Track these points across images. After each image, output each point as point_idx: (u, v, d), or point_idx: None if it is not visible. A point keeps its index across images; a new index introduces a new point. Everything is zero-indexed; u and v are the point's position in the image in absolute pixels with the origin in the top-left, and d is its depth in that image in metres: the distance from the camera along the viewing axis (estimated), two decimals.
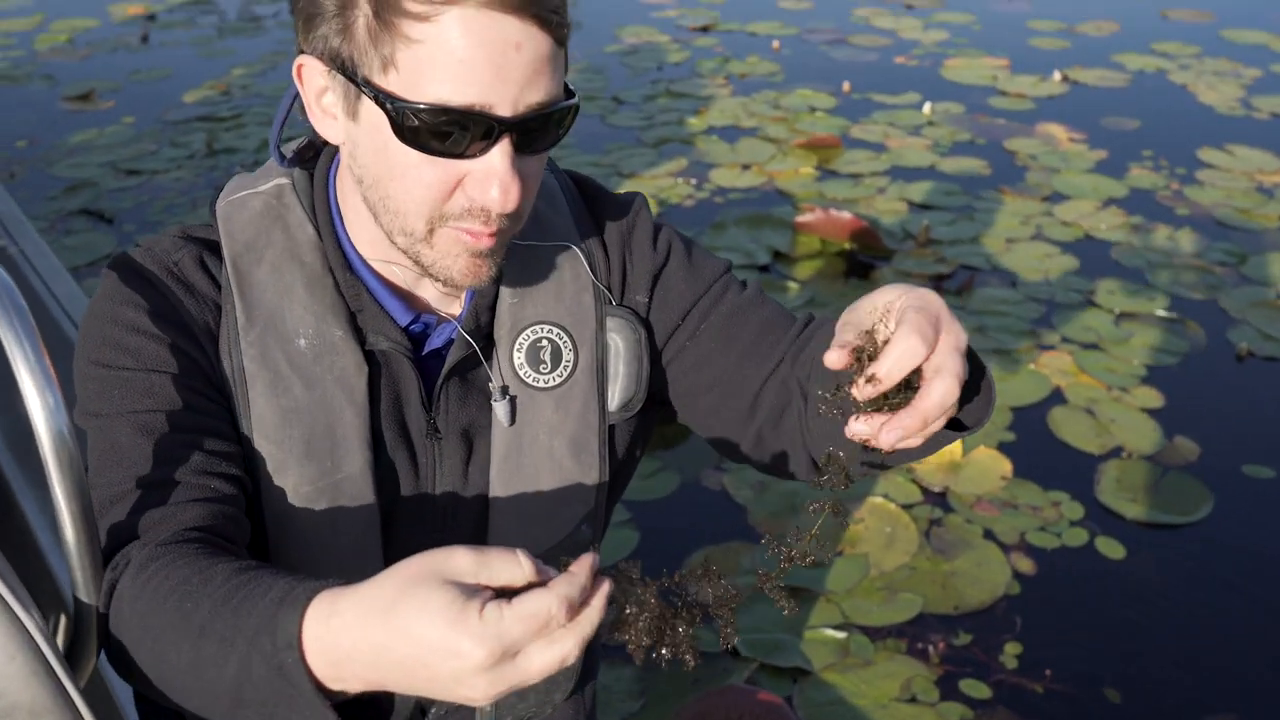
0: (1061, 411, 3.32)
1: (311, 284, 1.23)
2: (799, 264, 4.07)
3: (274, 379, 1.21)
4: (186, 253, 1.23)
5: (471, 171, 1.08)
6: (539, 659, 0.84)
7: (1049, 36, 6.30)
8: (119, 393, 1.17)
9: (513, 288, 1.28)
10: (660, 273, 1.34)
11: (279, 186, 1.27)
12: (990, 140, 5.06)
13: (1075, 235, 4.27)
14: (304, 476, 1.23)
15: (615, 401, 1.31)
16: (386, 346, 1.24)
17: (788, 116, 5.29)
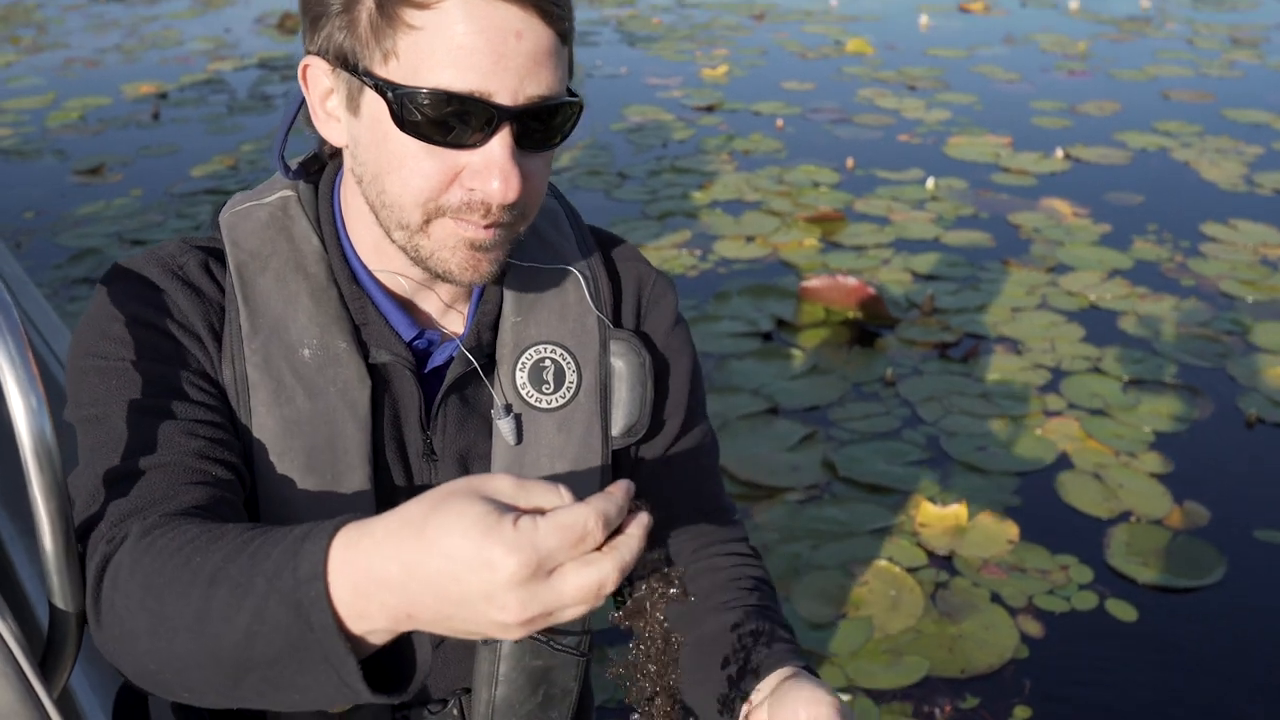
0: (1069, 476, 3.27)
1: (316, 295, 1.21)
2: (803, 332, 4.05)
3: (277, 388, 1.18)
4: (191, 256, 1.20)
5: (470, 163, 1.06)
6: (574, 579, 0.80)
7: (1051, 116, 6.35)
8: (116, 382, 1.13)
9: (516, 307, 1.26)
10: (685, 384, 1.34)
11: (284, 199, 1.26)
12: (994, 214, 5.07)
13: (1080, 305, 4.25)
14: (303, 488, 1.20)
15: (618, 426, 1.28)
16: (389, 360, 1.21)
17: (791, 191, 5.31)
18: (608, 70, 7.24)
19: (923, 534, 3.03)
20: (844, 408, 3.61)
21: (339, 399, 1.19)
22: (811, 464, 3.33)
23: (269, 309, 1.20)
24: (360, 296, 1.21)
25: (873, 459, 3.35)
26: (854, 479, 3.26)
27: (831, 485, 3.24)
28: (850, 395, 3.68)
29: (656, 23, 8.47)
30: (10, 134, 6.01)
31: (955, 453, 3.38)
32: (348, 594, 0.84)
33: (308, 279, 1.21)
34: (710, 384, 3.71)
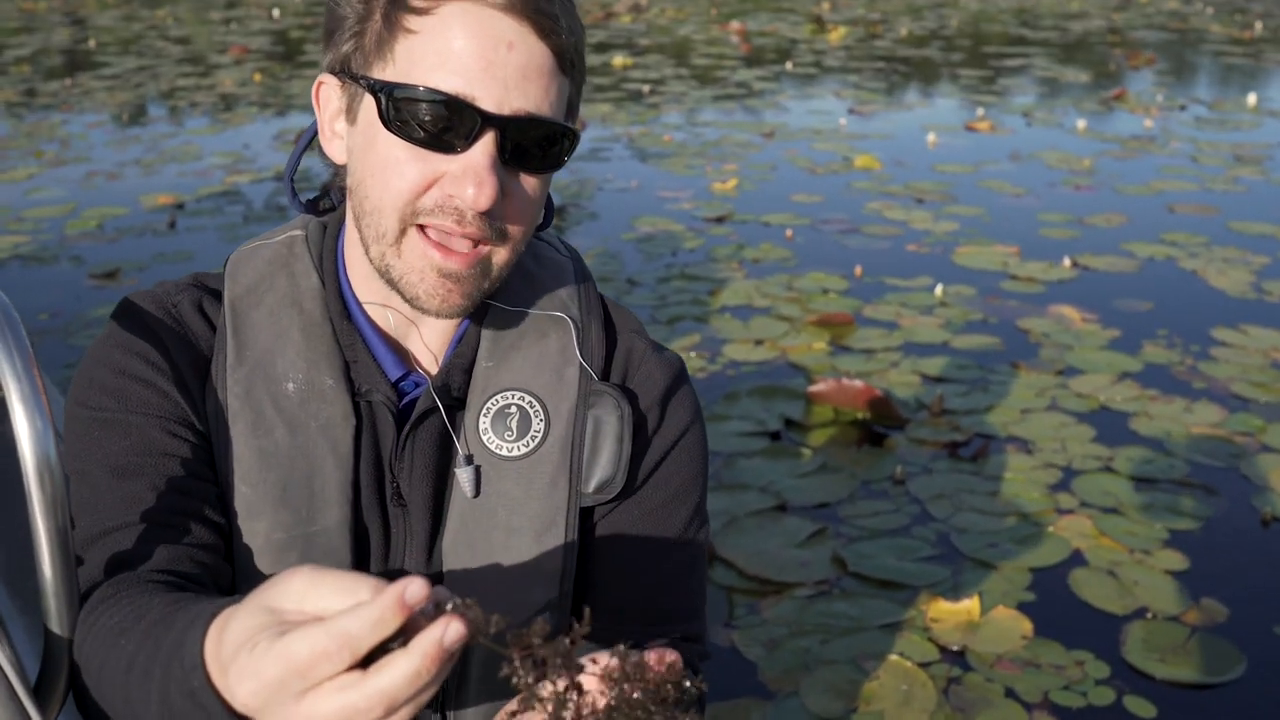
0: (1083, 573, 3.21)
1: (308, 330, 1.21)
2: (812, 432, 4.03)
3: (256, 419, 1.17)
4: (186, 295, 1.22)
5: (450, 169, 1.06)
6: (324, 705, 0.73)
7: (1058, 227, 6.40)
8: (99, 433, 1.14)
9: (491, 350, 1.24)
10: (672, 449, 1.30)
11: (291, 237, 1.27)
12: (1003, 320, 5.08)
13: (1091, 406, 4.23)
14: (277, 523, 1.17)
15: (592, 482, 1.23)
16: (378, 399, 1.20)
17: (800, 297, 5.34)
18: (619, 184, 7.34)
19: (934, 629, 2.97)
20: (853, 505, 3.57)
21: (320, 435, 1.18)
22: (821, 560, 3.28)
23: (258, 342, 1.19)
24: (351, 333, 1.21)
25: (883, 555, 3.30)
26: (864, 574, 3.21)
27: (841, 580, 3.19)
28: (860, 493, 3.64)
29: (668, 140, 8.62)
30: (28, 240, 6.09)
31: (966, 549, 3.33)
32: (221, 682, 0.82)
33: (301, 314, 1.21)
34: (718, 481, 3.68)
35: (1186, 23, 16.06)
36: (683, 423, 1.31)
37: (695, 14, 16.76)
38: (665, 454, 1.29)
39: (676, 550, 1.30)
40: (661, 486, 1.29)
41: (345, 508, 1.19)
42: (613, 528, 1.28)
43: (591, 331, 1.27)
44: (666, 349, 1.33)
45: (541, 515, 1.21)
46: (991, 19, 16.51)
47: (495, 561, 1.22)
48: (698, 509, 1.33)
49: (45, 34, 14.97)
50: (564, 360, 1.25)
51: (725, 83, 11.14)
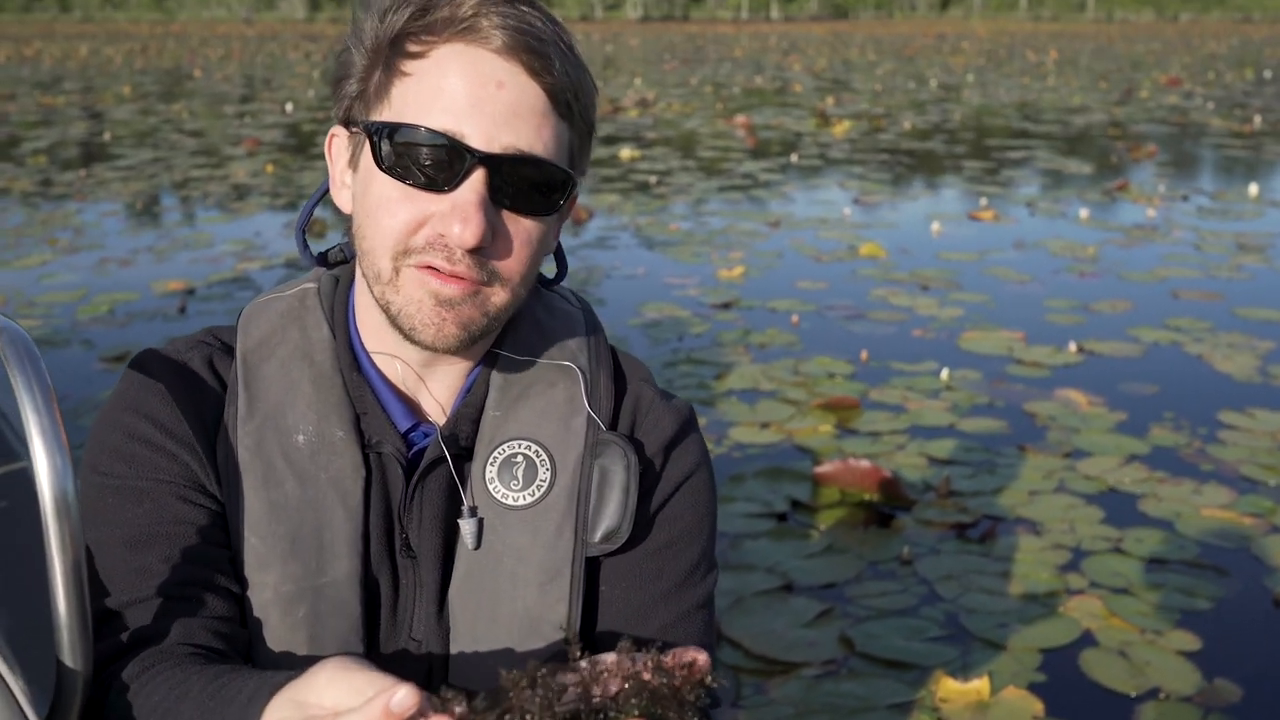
0: (1093, 653, 3.17)
1: (319, 383, 1.22)
2: (819, 513, 4.01)
3: (267, 472, 1.18)
4: (198, 352, 1.23)
5: (439, 209, 1.08)
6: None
7: (1063, 313, 6.43)
8: (112, 500, 1.16)
9: (499, 399, 1.25)
10: (676, 492, 1.30)
11: (304, 290, 1.29)
12: (1009, 403, 5.08)
13: (1099, 488, 4.21)
14: (286, 575, 1.18)
15: (598, 532, 1.22)
16: (388, 451, 1.21)
17: (807, 381, 5.35)
18: (626, 271, 7.40)
19: (944, 709, 2.92)
20: (860, 585, 3.54)
21: (330, 487, 1.19)
22: (828, 640, 3.25)
23: (269, 395, 1.21)
24: (361, 385, 1.22)
25: (890, 635, 3.26)
26: (871, 654, 3.17)
27: (849, 660, 3.15)
28: (867, 574, 3.62)
29: (674, 228, 8.71)
30: (40, 324, 6.14)
31: (975, 629, 3.29)
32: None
33: (312, 366, 1.22)
34: (724, 561, 3.65)
35: (1187, 117, 16.29)
36: (688, 467, 1.31)
37: (701, 108, 17.03)
38: (669, 497, 1.29)
39: (682, 592, 1.30)
40: (665, 528, 1.29)
41: (355, 560, 1.19)
42: (618, 573, 1.28)
43: (600, 381, 1.28)
44: (675, 397, 1.34)
45: (547, 565, 1.21)
46: (994, 113, 16.76)
47: (499, 613, 1.22)
48: (704, 554, 1.32)
49: (63, 127, 15.24)
50: (571, 410, 1.25)
51: (731, 174, 11.28)
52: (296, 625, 1.17)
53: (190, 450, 1.17)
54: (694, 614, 1.30)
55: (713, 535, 1.34)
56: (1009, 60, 29.86)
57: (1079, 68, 26.54)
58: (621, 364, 1.34)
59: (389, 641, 1.23)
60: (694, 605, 1.30)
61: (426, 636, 1.23)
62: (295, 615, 1.17)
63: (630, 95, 18.77)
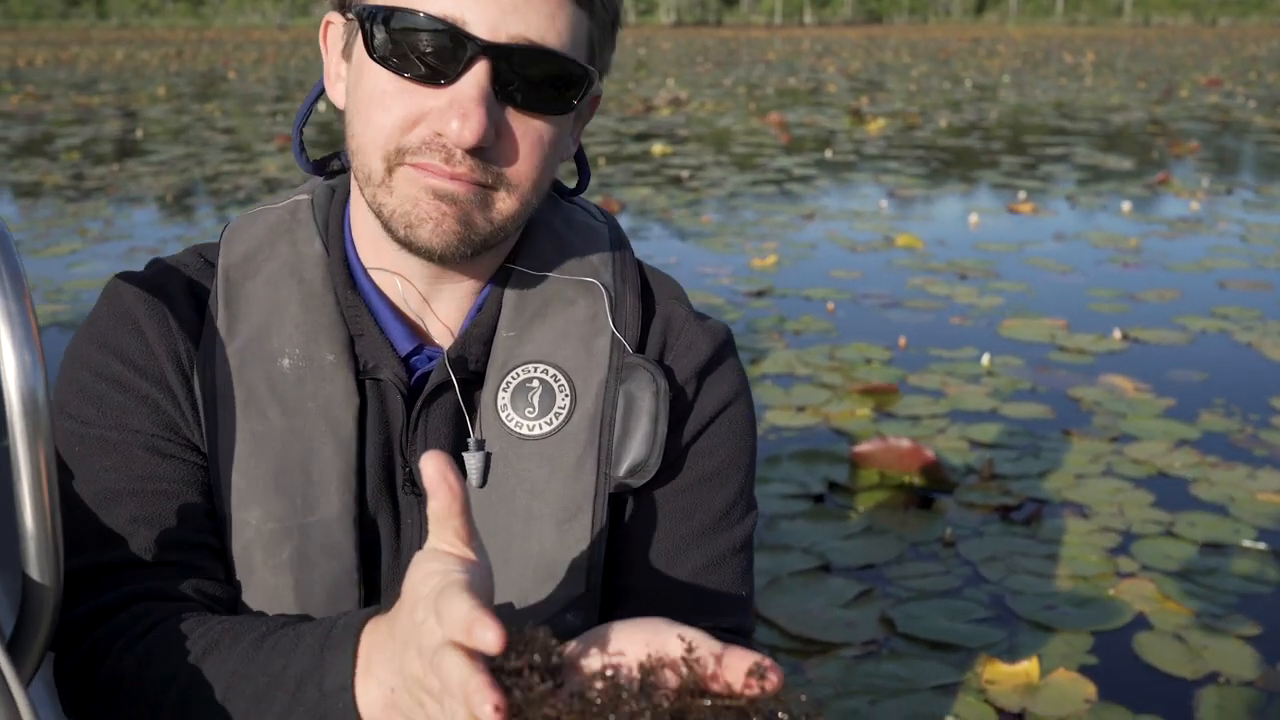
0: (1147, 637, 3.03)
1: (308, 302, 1.10)
2: (857, 495, 3.88)
3: (247, 399, 1.06)
4: (177, 273, 1.12)
5: (437, 105, 0.96)
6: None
7: (1107, 302, 6.27)
8: (80, 450, 1.06)
9: (513, 319, 1.12)
10: (712, 423, 1.17)
11: (296, 202, 1.17)
12: (1052, 389, 4.93)
13: (1148, 472, 4.06)
14: (269, 513, 1.05)
15: (623, 465, 1.10)
16: (386, 376, 1.08)
17: (843, 366, 5.22)
18: (658, 260, 7.27)
19: (991, 691, 2.79)
20: (901, 566, 3.41)
21: (319, 416, 1.07)
22: (868, 620, 3.12)
23: (251, 316, 1.09)
24: (357, 304, 1.09)
25: (933, 616, 3.13)
26: (914, 635, 3.04)
27: (890, 641, 3.02)
28: (908, 555, 3.48)
29: (706, 220, 8.59)
30: (68, 309, 6.08)
31: (1022, 611, 3.15)
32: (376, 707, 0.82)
33: (301, 284, 1.10)
34: (759, 543, 3.53)
35: (1228, 115, 16.03)
36: (725, 394, 1.18)
37: (734, 107, 16.91)
38: (703, 427, 1.17)
39: (717, 534, 1.17)
40: (699, 462, 1.17)
41: (346, 496, 1.07)
42: (645, 511, 1.16)
43: (626, 299, 1.15)
44: (710, 317, 1.22)
45: (566, 501, 1.09)
46: (1031, 112, 16.55)
47: (515, 553, 1.09)
48: (742, 492, 1.20)
49: (97, 125, 15.29)
50: (593, 330, 1.13)
51: (764, 169, 11.15)
52: (280, 568, 1.06)
53: (163, 388, 1.07)
54: (730, 559, 1.18)
55: (751, 471, 1.22)
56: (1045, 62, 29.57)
57: (1116, 69, 26.24)
58: (650, 281, 1.22)
59: (391, 588, 1.11)
60: (730, 549, 1.18)
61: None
62: (279, 557, 1.06)
63: (663, 95, 18.67)
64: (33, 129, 14.62)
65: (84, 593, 1.03)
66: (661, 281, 1.23)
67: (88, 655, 1.01)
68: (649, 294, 1.20)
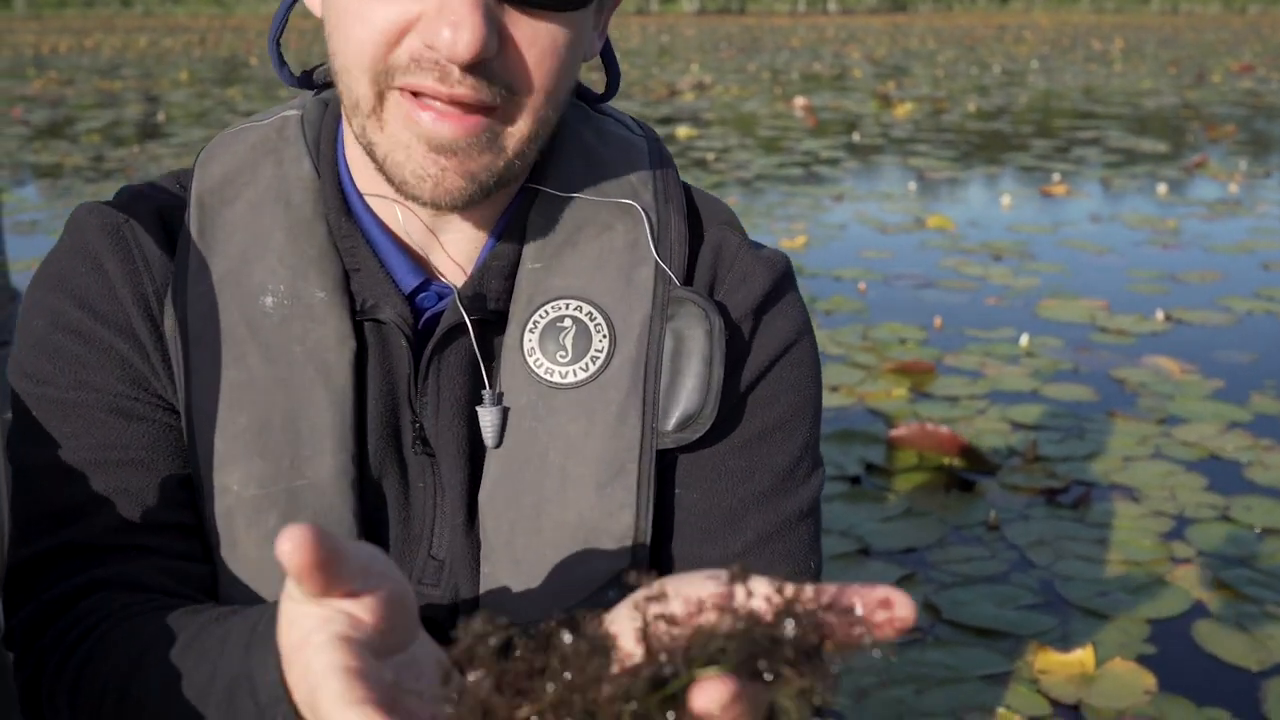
0: (1207, 625, 2.87)
1: (295, 230, 0.94)
2: (895, 477, 3.72)
3: (224, 345, 0.92)
4: (146, 203, 0.97)
5: (425, 10, 0.80)
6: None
7: (1147, 283, 6.09)
8: (39, 415, 0.92)
9: (539, 249, 0.97)
10: (773, 367, 1.02)
11: (283, 119, 1.01)
12: (1095, 370, 4.76)
13: (1199, 455, 3.89)
14: (249, 475, 0.91)
15: (672, 417, 0.95)
16: (387, 317, 0.93)
17: (876, 346, 5.06)
18: None
19: (1043, 681, 2.63)
20: (943, 550, 3.25)
21: (306, 362, 0.92)
22: None
23: (229, 248, 0.93)
24: (353, 234, 0.94)
25: (980, 602, 2.97)
26: (960, 622, 2.88)
27: (935, 628, 2.87)
28: (950, 538, 3.33)
29: (733, 201, 8.42)
30: None
31: (1073, 598, 2.99)
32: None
33: (288, 211, 0.95)
34: None
35: (1263, 100, 15.75)
36: (787, 334, 1.03)
37: (759, 92, 16.71)
38: (764, 373, 1.02)
39: (781, 496, 1.02)
40: (759, 414, 1.01)
41: (342, 456, 0.93)
42: (698, 472, 1.00)
43: (671, 223, 1.00)
44: (767, 246, 1.07)
45: (607, 459, 0.94)
46: (1061, 96, 16.30)
47: (548, 521, 0.94)
48: (807, 447, 1.05)
49: (119, 109, 15.21)
50: (634, 260, 0.98)
51: (791, 151, 10.97)
52: (266, 540, 0.91)
53: (127, 336, 0.93)
54: (796, 525, 1.03)
55: (818, 422, 1.06)
56: (1073, 48, 29.20)
57: (1146, 55, 25.88)
58: (697, 204, 1.06)
59: (401, 564, 0.96)
60: (796, 513, 1.03)
61: (452, 556, 0.97)
62: (264, 527, 0.91)
63: (687, 80, 18.48)
64: (55, 112, 14.56)
65: (44, 579, 0.90)
66: (710, 204, 1.08)
67: (44, 651, 0.88)
68: (696, 219, 1.05)
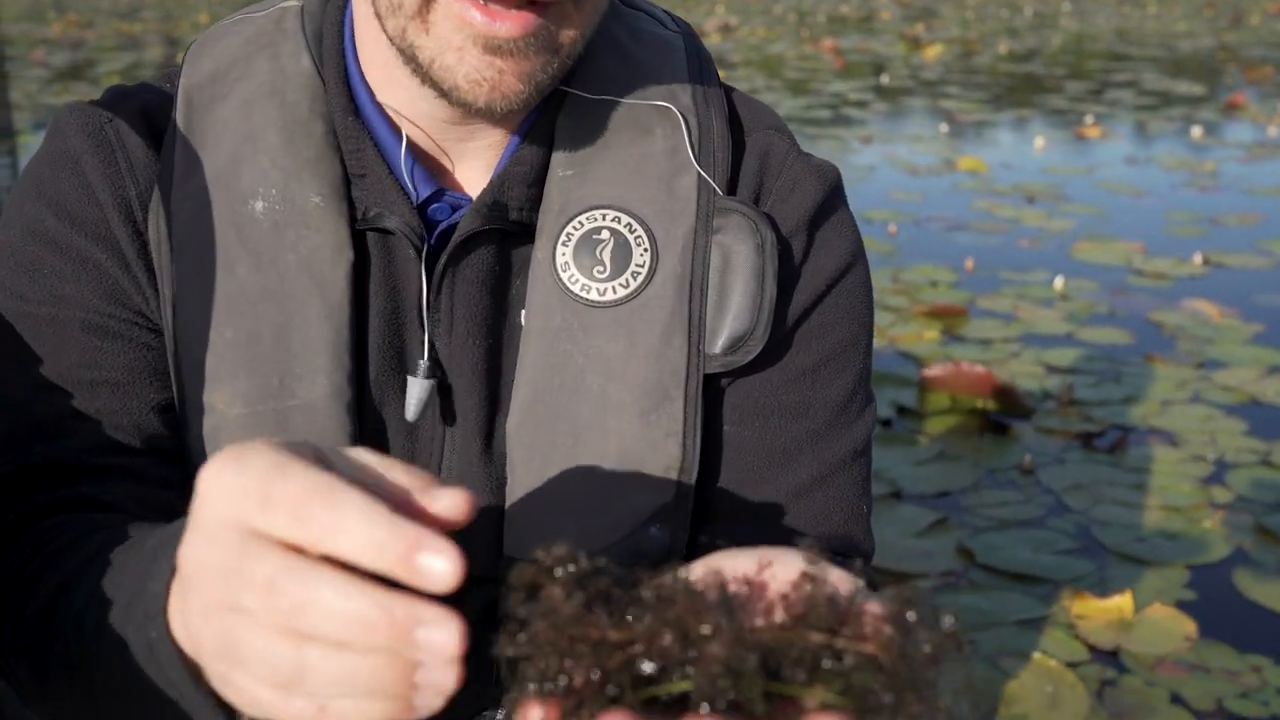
0: (1249, 572, 2.79)
1: (290, 129, 0.86)
2: (928, 419, 3.65)
3: (211, 252, 0.84)
4: (130, 103, 0.89)
5: None
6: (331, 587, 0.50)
7: (1185, 225, 5.95)
8: (17, 330, 0.86)
9: (570, 155, 0.89)
10: (829, 292, 0.94)
11: (282, 10, 0.92)
12: (1131, 313, 4.65)
13: (1240, 399, 3.79)
14: (236, 393, 0.83)
15: (720, 338, 0.88)
16: (393, 226, 0.85)
17: (907, 289, 4.97)
18: None
19: (1081, 626, 2.57)
20: (977, 494, 3.18)
21: (301, 273, 0.84)
22: (944, 550, 2.90)
23: (218, 148, 0.86)
24: (360, 135, 0.85)
25: (1015, 546, 2.91)
26: (995, 567, 2.82)
27: (969, 572, 2.81)
28: (984, 482, 3.25)
29: None
30: None
31: (1111, 543, 2.92)
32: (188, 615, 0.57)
33: (283, 108, 0.86)
34: None
35: None
36: (842, 255, 0.95)
37: (785, 34, 16.47)
38: (820, 297, 0.93)
39: (835, 435, 0.94)
40: (813, 343, 0.93)
41: (338, 375, 0.85)
42: (749, 407, 0.92)
43: (713, 127, 0.91)
44: (814, 155, 0.98)
45: (649, 385, 0.87)
46: (1094, 38, 16.01)
47: (585, 451, 0.87)
48: (861, 380, 0.97)
49: (139, 52, 15.10)
50: (674, 167, 0.89)
51: (819, 94, 10.80)
52: None
53: (108, 246, 0.86)
54: (849, 465, 0.95)
55: (870, 354, 0.99)
56: None
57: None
58: (739, 107, 0.98)
59: None
60: (850, 453, 0.95)
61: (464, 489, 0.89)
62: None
63: (713, 22, 18.23)
64: (75, 55, 14.47)
65: (12, 498, 0.84)
66: (754, 108, 0.99)
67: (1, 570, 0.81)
68: (738, 123, 0.96)
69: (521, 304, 0.89)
